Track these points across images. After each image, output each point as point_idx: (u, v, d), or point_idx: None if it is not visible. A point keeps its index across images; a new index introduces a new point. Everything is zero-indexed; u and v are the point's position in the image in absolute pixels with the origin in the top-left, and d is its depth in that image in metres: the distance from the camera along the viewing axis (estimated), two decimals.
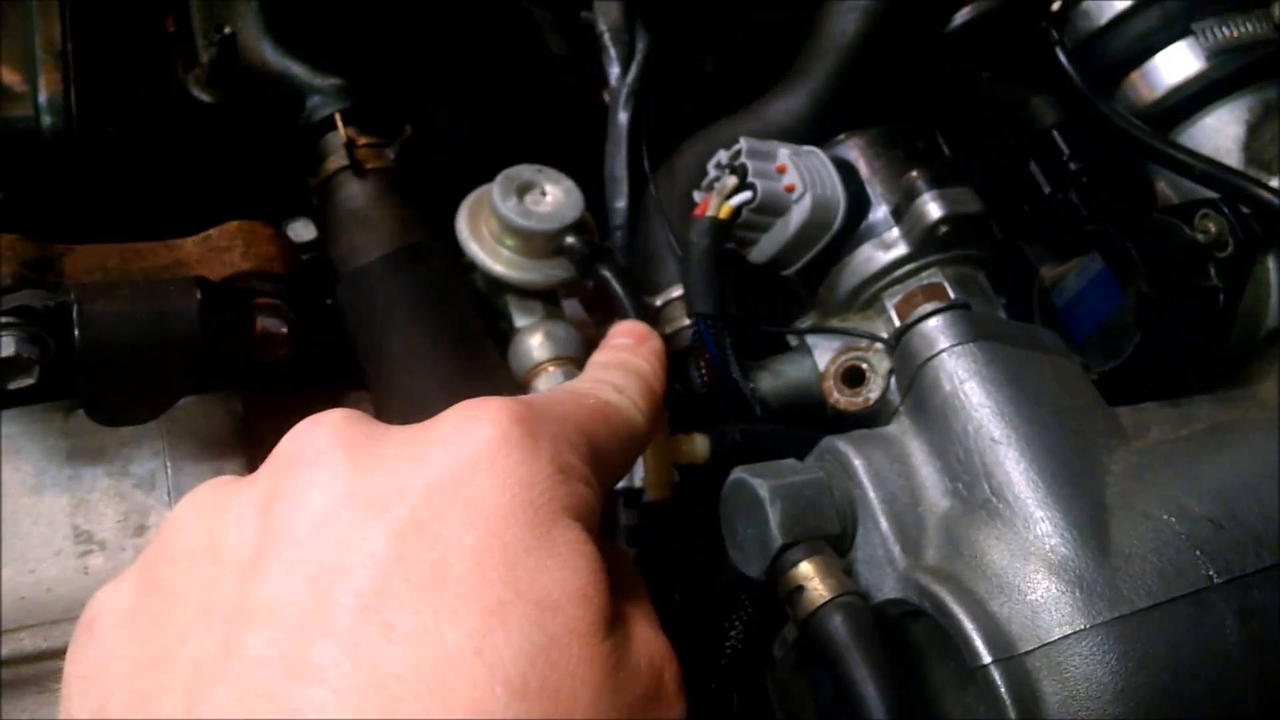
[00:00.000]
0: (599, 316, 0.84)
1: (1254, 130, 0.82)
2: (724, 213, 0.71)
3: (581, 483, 0.45)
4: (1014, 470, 0.57)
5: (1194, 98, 0.85)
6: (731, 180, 0.72)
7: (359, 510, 0.40)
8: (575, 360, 0.73)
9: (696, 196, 0.77)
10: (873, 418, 0.71)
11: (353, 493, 0.41)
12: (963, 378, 0.60)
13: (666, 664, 0.45)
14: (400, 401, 0.70)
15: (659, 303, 0.77)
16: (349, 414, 0.46)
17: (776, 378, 0.74)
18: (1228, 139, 0.83)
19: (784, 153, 0.73)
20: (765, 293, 0.80)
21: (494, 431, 0.43)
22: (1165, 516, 0.56)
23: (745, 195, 0.72)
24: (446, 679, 0.36)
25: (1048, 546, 0.55)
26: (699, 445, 0.69)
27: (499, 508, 0.41)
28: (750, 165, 0.72)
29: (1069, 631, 0.52)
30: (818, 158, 0.74)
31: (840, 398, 0.70)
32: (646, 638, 0.45)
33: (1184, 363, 0.76)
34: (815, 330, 0.74)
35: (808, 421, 0.73)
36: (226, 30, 0.78)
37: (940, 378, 0.61)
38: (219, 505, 0.44)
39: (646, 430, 0.54)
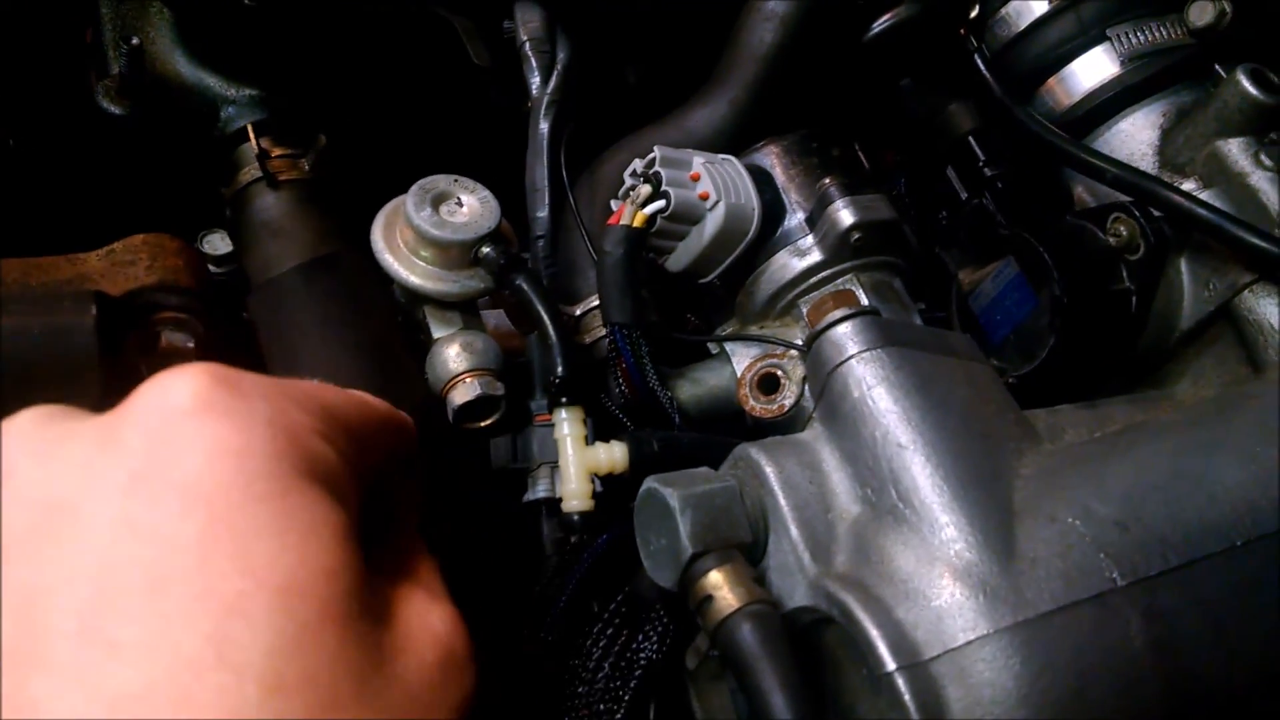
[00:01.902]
0: (523, 328, 0.83)
1: (1168, 134, 0.83)
2: (638, 221, 0.71)
3: (316, 438, 0.40)
4: (920, 475, 0.57)
5: (1110, 103, 0.85)
6: (645, 189, 0.72)
7: (59, 520, 0.36)
8: (494, 372, 0.72)
9: (614, 205, 0.77)
10: (789, 424, 0.71)
11: (48, 502, 0.36)
12: (871, 383, 0.60)
13: (448, 633, 0.42)
14: None
15: (578, 312, 0.77)
16: (35, 414, 0.41)
17: (696, 386, 0.74)
18: (1142, 143, 0.84)
19: (698, 161, 0.73)
20: (692, 300, 0.80)
21: (191, 397, 0.37)
22: (1070, 519, 0.56)
23: (659, 204, 0.71)
24: (189, 690, 0.32)
25: (952, 551, 0.54)
26: (618, 454, 0.69)
27: (215, 485, 0.36)
28: (664, 174, 0.71)
29: (973, 637, 0.52)
30: (732, 165, 0.74)
31: (756, 405, 0.70)
32: (421, 608, 0.41)
33: (1099, 365, 0.77)
34: (732, 338, 0.74)
35: (729, 429, 0.72)
36: (135, 41, 0.77)
37: (849, 383, 0.61)
38: None
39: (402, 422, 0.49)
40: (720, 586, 0.56)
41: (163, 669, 0.33)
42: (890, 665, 0.52)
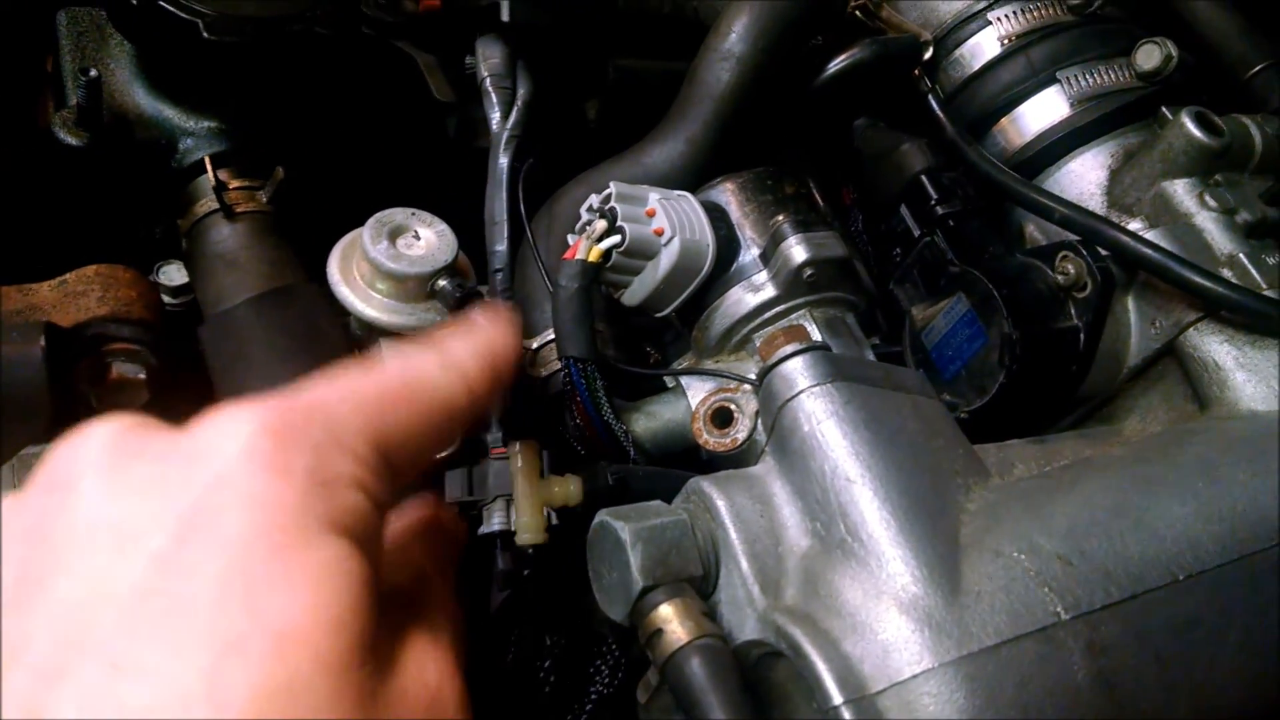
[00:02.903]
0: None
1: (1115, 175, 0.85)
2: (593, 256, 0.71)
3: (352, 490, 0.42)
4: (868, 509, 0.57)
5: (1059, 144, 0.87)
6: (601, 224, 0.73)
7: (111, 541, 0.38)
8: None
9: (570, 240, 0.77)
10: (743, 458, 0.71)
11: (106, 522, 0.39)
12: (820, 418, 0.61)
13: (444, 685, 0.43)
14: None
15: (535, 345, 0.77)
16: (114, 427, 0.43)
17: (651, 419, 0.74)
18: (1091, 183, 0.86)
19: (654, 197, 0.74)
20: (648, 334, 0.80)
21: (239, 446, 0.40)
22: (1015, 554, 0.57)
23: (614, 239, 0.72)
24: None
25: (899, 585, 0.55)
26: (572, 488, 0.69)
27: (242, 533, 0.38)
28: (620, 209, 0.72)
29: (918, 670, 0.52)
30: (688, 201, 0.75)
31: (709, 439, 0.70)
32: (421, 657, 0.43)
33: (1048, 401, 0.78)
34: (686, 372, 0.75)
35: (684, 463, 0.73)
36: (93, 73, 0.77)
37: (799, 418, 0.61)
38: None
39: (470, 403, 0.51)
40: (670, 620, 0.56)
41: (158, 696, 0.34)
42: (837, 699, 0.52)
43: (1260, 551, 0.61)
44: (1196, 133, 0.79)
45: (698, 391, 0.74)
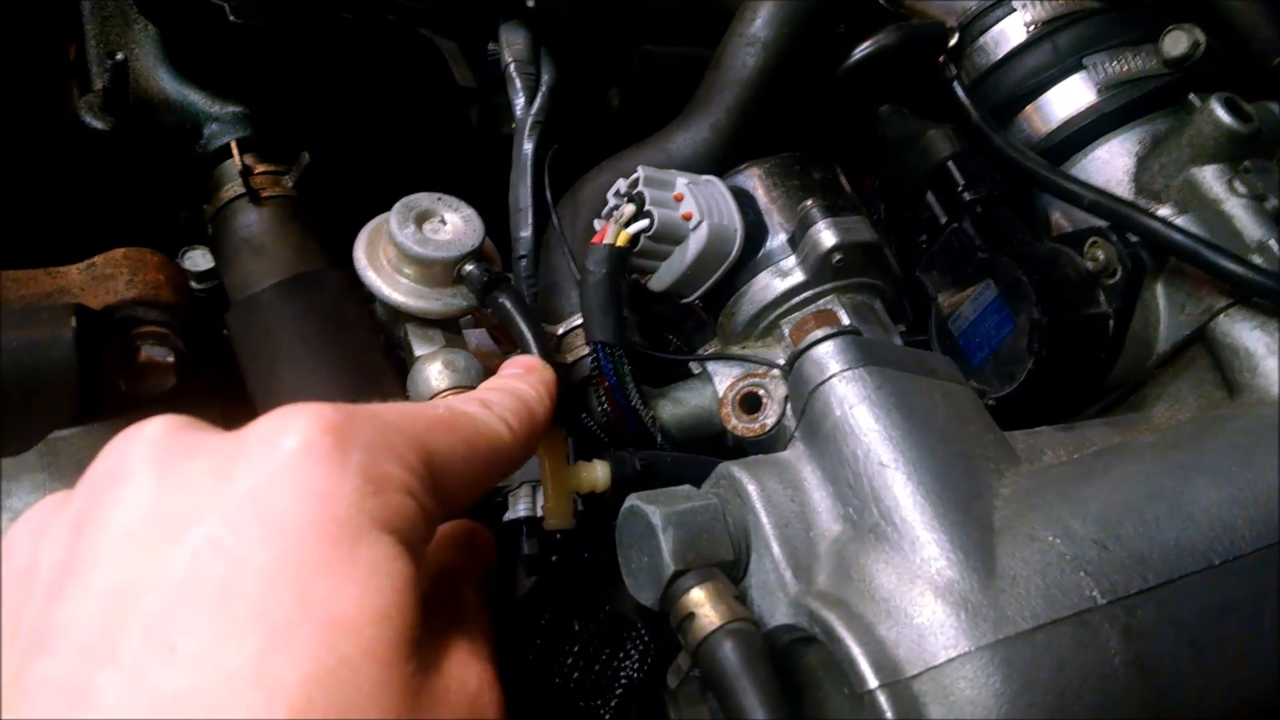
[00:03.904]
0: (506, 347, 0.83)
1: (1143, 161, 0.84)
2: (621, 240, 0.71)
3: (402, 494, 0.43)
4: (901, 494, 0.57)
5: (1086, 130, 0.87)
6: (629, 208, 0.72)
7: (162, 530, 0.39)
8: (472, 389, 0.72)
9: (597, 225, 0.77)
10: (771, 444, 0.71)
11: (157, 512, 0.40)
12: (852, 402, 0.60)
13: (484, 691, 0.44)
14: None
15: (561, 331, 0.77)
16: (168, 423, 0.44)
17: (678, 405, 0.74)
18: (1118, 170, 0.85)
19: (681, 182, 0.73)
20: (674, 320, 0.80)
21: (299, 441, 0.41)
22: (1050, 538, 0.57)
23: (642, 223, 0.72)
24: (224, 702, 0.35)
25: (934, 569, 0.54)
26: (599, 473, 0.69)
27: (297, 523, 0.39)
28: (648, 194, 0.72)
29: (954, 654, 0.52)
30: (715, 187, 0.75)
31: (738, 424, 0.70)
32: (463, 661, 0.44)
33: (1077, 387, 0.77)
34: (714, 357, 0.74)
35: (710, 449, 0.72)
36: (119, 56, 0.77)
37: (831, 403, 0.61)
38: (41, 525, 0.43)
39: (513, 447, 0.53)
40: (702, 604, 0.56)
41: (207, 678, 0.35)
42: (872, 683, 0.51)
43: None
44: (1226, 119, 0.78)
45: (724, 378, 0.74)
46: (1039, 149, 0.88)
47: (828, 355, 0.62)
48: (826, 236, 0.73)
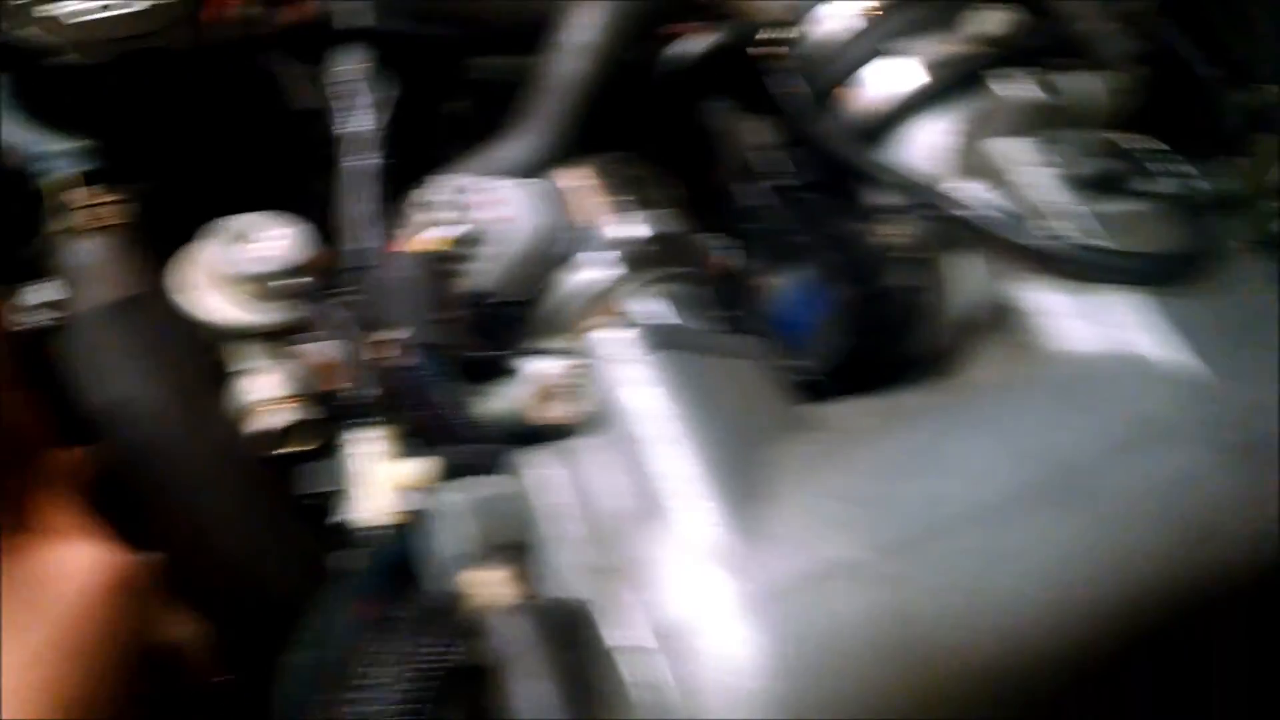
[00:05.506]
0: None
1: (958, 139, 0.87)
2: (438, 245, 0.74)
3: None
4: (675, 469, 0.60)
5: (904, 111, 0.90)
6: (447, 214, 0.75)
7: None
8: (298, 399, 0.74)
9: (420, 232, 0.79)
10: (578, 432, 0.73)
11: None
12: (634, 386, 0.63)
13: (94, 568, 0.51)
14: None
15: (387, 337, 0.79)
16: None
17: (497, 401, 0.77)
18: (936, 148, 0.88)
19: (497, 184, 0.77)
20: (498, 319, 0.83)
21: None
22: (820, 500, 0.59)
23: (459, 227, 0.74)
24: None
25: (702, 536, 0.57)
26: (418, 469, 0.71)
27: None
28: (464, 198, 0.75)
29: (720, 614, 0.54)
30: (532, 188, 0.78)
31: (544, 414, 0.73)
32: (68, 552, 0.50)
33: (890, 360, 0.80)
34: (523, 352, 0.77)
35: (527, 441, 0.75)
36: None
37: (618, 387, 0.64)
38: None
39: None
40: (491, 585, 0.59)
41: None
42: (643, 645, 0.54)
43: (1064, 483, 0.64)
44: (1027, 93, 0.82)
45: (539, 371, 0.76)
46: (859, 132, 0.91)
47: (613, 343, 0.65)
48: (634, 230, 0.76)
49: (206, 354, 0.77)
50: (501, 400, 0.76)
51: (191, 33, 0.88)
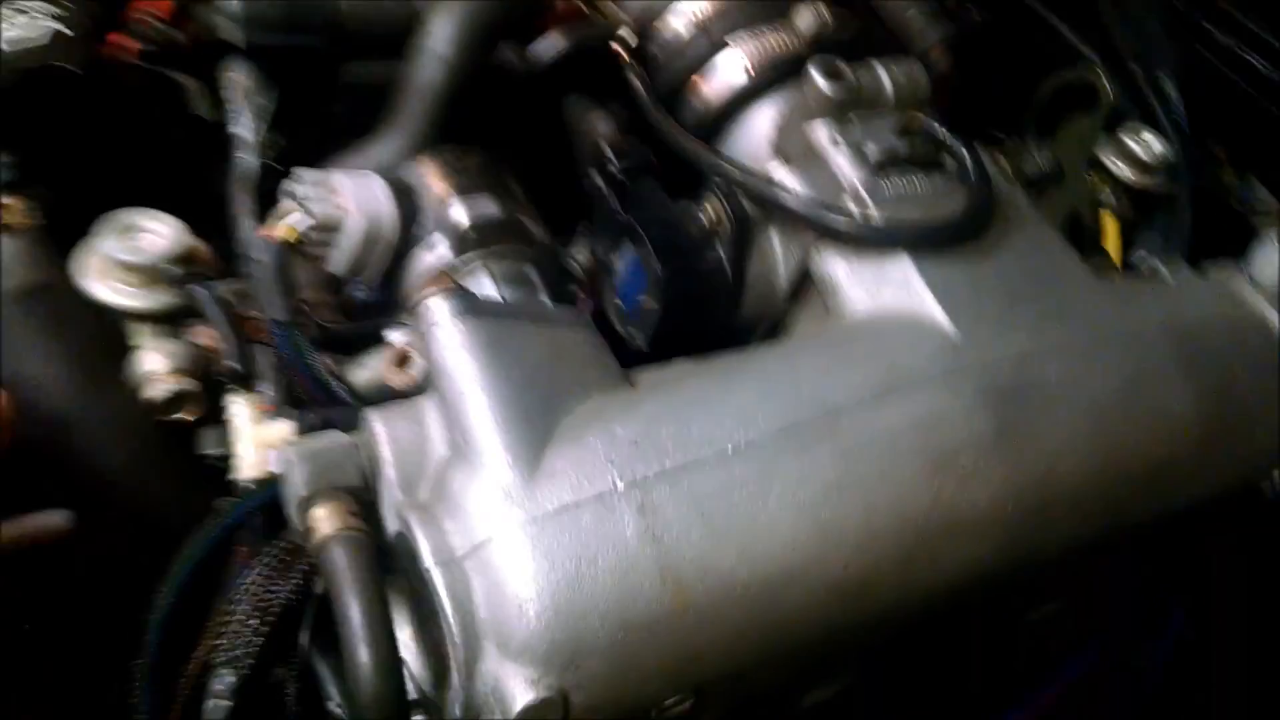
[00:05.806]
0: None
1: (780, 128, 0.97)
2: (284, 233, 0.84)
3: None
4: (477, 417, 0.70)
5: (736, 103, 1.01)
6: (291, 204, 0.86)
7: None
8: (185, 372, 0.85)
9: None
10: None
11: None
12: (448, 347, 0.73)
13: None
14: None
15: (255, 316, 0.89)
16: None
17: (364, 369, 0.87)
18: (762, 135, 0.99)
19: (339, 179, 0.87)
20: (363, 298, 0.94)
21: None
22: (593, 440, 0.70)
23: (303, 217, 0.85)
24: None
25: (492, 473, 0.67)
26: (285, 429, 0.82)
27: None
28: (307, 191, 0.85)
29: (491, 535, 0.65)
30: (372, 180, 0.88)
31: (394, 379, 0.83)
32: None
33: (710, 329, 0.90)
34: (378, 324, 0.87)
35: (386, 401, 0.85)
36: None
37: (435, 349, 0.74)
38: None
39: None
40: (322, 519, 0.69)
41: None
42: (428, 562, 0.65)
43: (826, 424, 0.74)
44: (821, 81, 0.91)
45: (394, 342, 0.87)
46: (705, 122, 1.02)
47: (433, 310, 0.75)
48: (459, 214, 0.87)
49: (106, 334, 0.87)
50: (365, 369, 0.87)
51: (89, 56, 0.99)
